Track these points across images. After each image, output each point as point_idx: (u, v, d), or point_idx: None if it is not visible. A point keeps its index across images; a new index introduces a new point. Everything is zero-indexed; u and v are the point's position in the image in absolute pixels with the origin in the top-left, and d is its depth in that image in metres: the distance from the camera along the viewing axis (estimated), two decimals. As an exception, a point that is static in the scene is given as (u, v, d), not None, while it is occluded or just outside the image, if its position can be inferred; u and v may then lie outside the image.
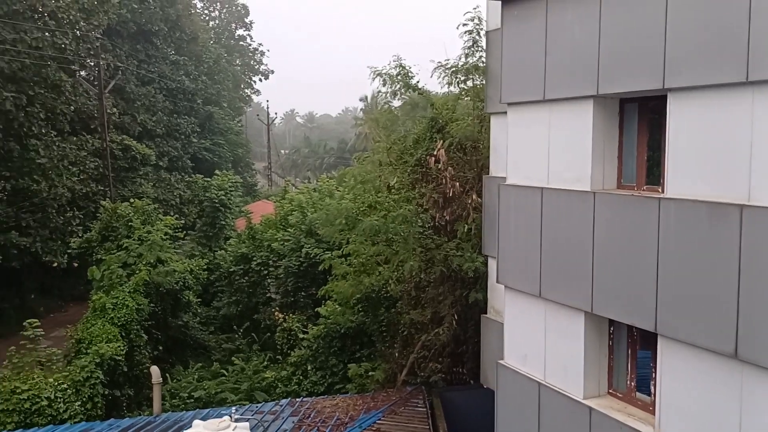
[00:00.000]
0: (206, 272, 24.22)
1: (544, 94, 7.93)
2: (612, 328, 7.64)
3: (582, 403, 7.61)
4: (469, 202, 11.82)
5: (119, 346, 16.12)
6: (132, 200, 24.56)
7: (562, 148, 7.81)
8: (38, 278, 29.71)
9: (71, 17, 27.94)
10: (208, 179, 30.05)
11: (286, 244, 22.17)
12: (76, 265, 27.57)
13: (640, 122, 7.20)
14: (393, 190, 13.44)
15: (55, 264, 28.18)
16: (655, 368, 6.75)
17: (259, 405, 12.76)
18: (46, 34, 26.73)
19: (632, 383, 7.44)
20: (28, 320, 16.13)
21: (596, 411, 7.40)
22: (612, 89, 6.99)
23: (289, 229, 22.79)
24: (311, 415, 11.37)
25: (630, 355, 7.49)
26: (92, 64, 35.46)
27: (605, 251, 7.14)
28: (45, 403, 13.77)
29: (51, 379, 14.28)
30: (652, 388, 7.05)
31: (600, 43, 7.04)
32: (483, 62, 12.12)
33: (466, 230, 11.84)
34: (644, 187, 7.05)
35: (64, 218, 28.79)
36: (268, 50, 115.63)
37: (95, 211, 27.91)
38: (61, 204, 28.59)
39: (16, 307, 27.04)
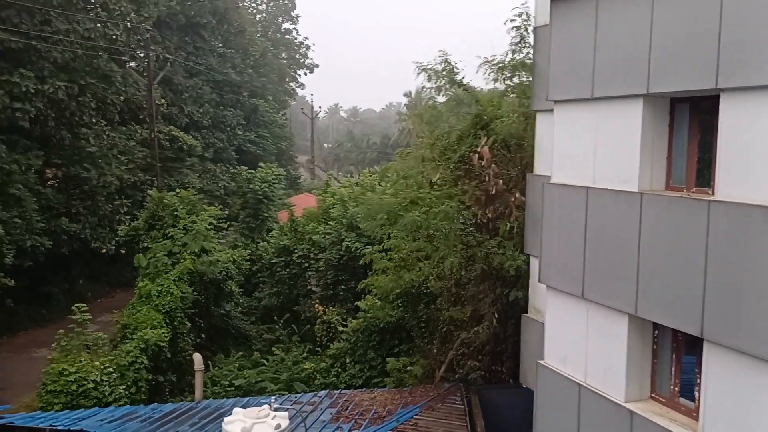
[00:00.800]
0: (248, 263, 24.57)
1: (593, 92, 7.82)
2: (656, 332, 7.51)
3: (623, 407, 7.50)
4: (512, 200, 11.74)
5: (163, 333, 16.47)
6: (178, 190, 25.03)
7: (610, 148, 7.69)
8: (86, 264, 30.48)
9: (122, 8, 28.53)
10: (252, 171, 30.42)
11: (327, 237, 22.32)
12: (123, 252, 28.23)
13: (691, 122, 7.05)
14: (435, 186, 13.41)
15: (103, 251, 28.89)
16: (700, 373, 6.62)
17: (298, 395, 12.90)
18: (98, 25, 27.35)
19: (675, 388, 7.31)
20: (77, 305, 16.58)
21: (638, 415, 7.29)
22: (663, 88, 6.86)
23: (330, 223, 22.94)
24: (349, 408, 11.45)
25: (674, 359, 7.35)
26: (142, 55, 36.17)
27: (651, 253, 7.02)
28: (91, 385, 14.16)
29: (97, 363, 14.67)
30: (696, 393, 6.91)
31: (651, 41, 6.91)
32: (530, 59, 12.01)
33: (508, 228, 11.77)
34: (694, 189, 6.90)
35: (113, 206, 29.48)
36: (314, 44, 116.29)
37: (142, 199, 28.51)
38: (109, 192, 29.28)
39: (65, 292, 27.84)
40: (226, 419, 8.10)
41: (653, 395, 7.58)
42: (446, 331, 13.32)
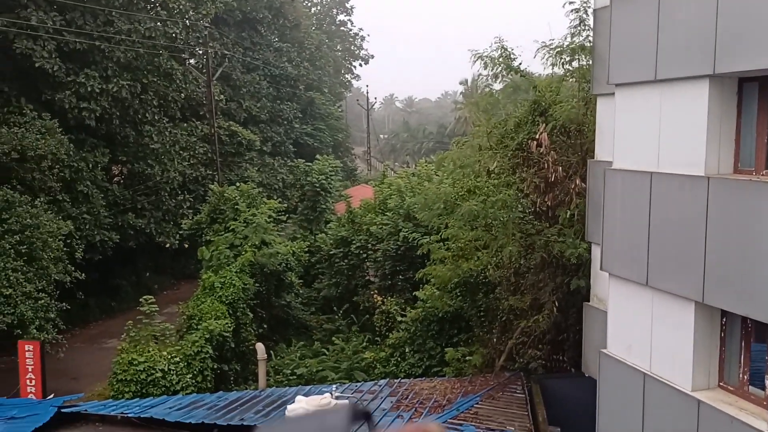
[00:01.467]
0: (307, 254, 24.88)
1: (656, 73, 7.62)
2: (724, 319, 7.30)
3: (690, 396, 7.32)
4: (573, 187, 11.55)
5: (227, 323, 16.86)
6: (238, 184, 25.50)
7: (674, 131, 7.49)
8: (152, 258, 31.42)
9: (181, 7, 29.16)
10: (309, 164, 30.72)
11: (384, 228, 22.40)
12: (186, 245, 28.99)
13: (760, 102, 6.80)
14: (492, 175, 13.30)
15: (168, 245, 29.71)
16: (772, 362, 6.41)
17: (359, 384, 13.03)
18: (158, 24, 28.03)
19: (745, 377, 7.09)
20: (144, 297, 17.11)
21: (705, 404, 7.11)
22: (730, 68, 6.63)
23: (387, 213, 23.01)
24: (409, 396, 11.50)
25: (743, 347, 7.13)
26: (201, 52, 36.87)
27: (719, 239, 6.81)
28: (159, 374, 14.62)
29: (165, 353, 15.13)
30: (766, 382, 6.70)
31: (718, 19, 6.68)
32: (590, 42, 11.75)
33: (568, 216, 11.59)
34: (764, 172, 6.67)
35: (176, 201, 30.27)
36: (368, 35, 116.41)
37: (204, 194, 29.17)
38: (173, 188, 30.06)
39: (133, 285, 28.80)
40: (289, 407, 8.25)
41: (721, 384, 7.37)
42: (506, 320, 13.22)
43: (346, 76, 69.74)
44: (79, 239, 22.40)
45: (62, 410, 10.25)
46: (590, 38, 11.63)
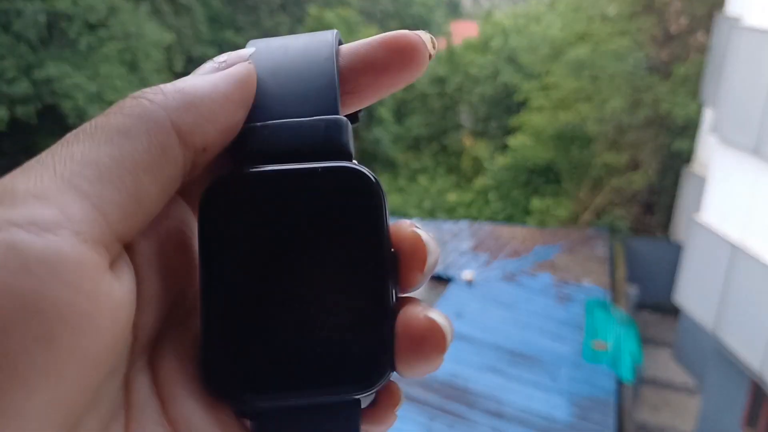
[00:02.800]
0: (402, 91, 24.55)
1: None
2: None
3: (783, 273, 7.05)
4: (693, 42, 10.64)
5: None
6: (338, 10, 24.90)
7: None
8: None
9: None
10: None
11: (484, 69, 21.66)
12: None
13: None
14: (607, 21, 12.37)
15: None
16: None
17: (439, 222, 13.21)
18: None
19: None
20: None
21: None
22: None
23: (489, 55, 22.14)
24: (488, 240, 11.61)
25: None
26: None
27: None
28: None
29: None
30: None
31: None
32: None
33: (683, 73, 10.79)
34: None
35: (274, 22, 30.00)
36: None
37: (302, 18, 28.75)
38: (272, 8, 29.69)
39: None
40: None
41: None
42: (597, 176, 12.86)
43: None
44: (180, 53, 22.80)
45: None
46: None
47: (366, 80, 0.40)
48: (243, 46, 0.41)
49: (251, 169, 0.36)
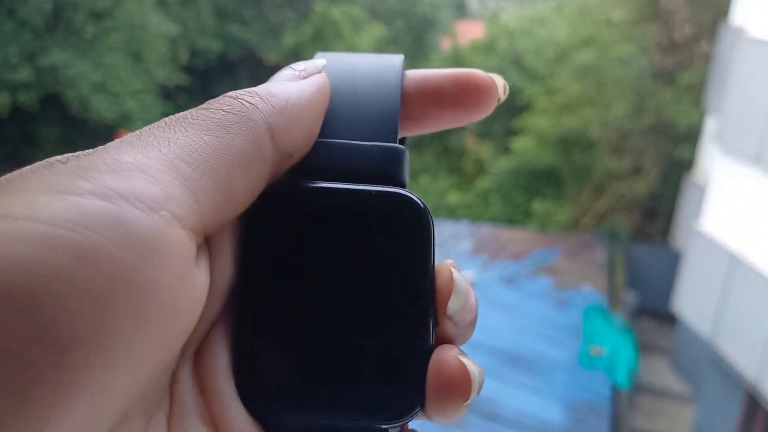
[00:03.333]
0: (405, 89, 24.51)
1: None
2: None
3: (781, 284, 7.05)
4: (697, 50, 10.63)
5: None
6: (344, 6, 24.84)
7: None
8: (252, 75, 31.78)
9: None
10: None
11: (488, 71, 21.60)
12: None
13: None
14: (613, 26, 12.35)
15: (271, 58, 29.84)
16: None
17: (440, 222, 13.21)
18: None
19: None
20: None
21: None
22: None
23: (494, 57, 22.12)
24: (487, 242, 11.61)
25: None
26: None
27: None
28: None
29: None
30: None
31: None
32: None
33: (687, 81, 10.78)
34: None
35: (279, 16, 29.93)
36: None
37: (307, 12, 28.70)
38: (278, 3, 29.64)
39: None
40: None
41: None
42: (599, 181, 12.86)
43: None
44: (185, 46, 22.76)
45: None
46: None
47: (431, 110, 0.39)
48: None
49: (305, 183, 0.35)
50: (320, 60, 0.41)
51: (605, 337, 7.97)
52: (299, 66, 0.40)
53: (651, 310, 11.22)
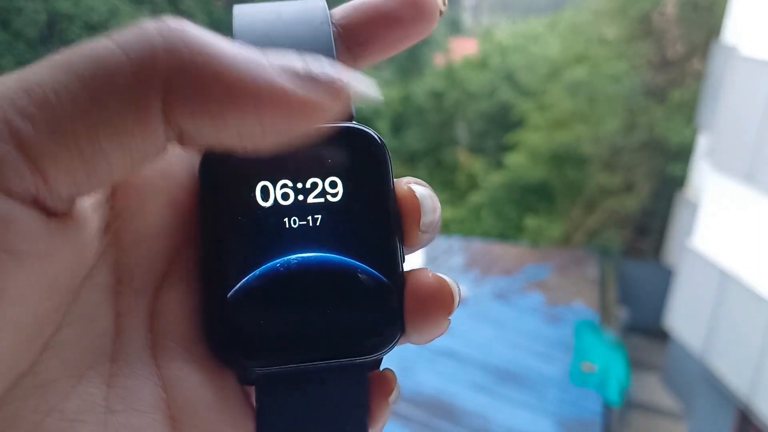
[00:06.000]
0: (400, 104, 24.62)
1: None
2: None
3: (772, 302, 7.06)
4: (689, 68, 10.72)
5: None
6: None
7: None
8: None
9: None
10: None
11: (481, 87, 21.76)
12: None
13: None
14: (605, 44, 12.45)
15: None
16: None
17: (432, 238, 13.18)
18: None
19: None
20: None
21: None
22: None
23: (487, 73, 22.24)
24: (480, 257, 11.61)
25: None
26: None
27: None
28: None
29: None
30: None
31: None
32: None
33: (679, 98, 10.86)
34: None
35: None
36: None
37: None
38: None
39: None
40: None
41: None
42: (591, 197, 12.90)
43: None
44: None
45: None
46: None
47: (379, 31, 0.39)
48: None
49: None
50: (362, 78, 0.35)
51: (596, 354, 7.96)
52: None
53: (642, 326, 11.22)
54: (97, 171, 0.26)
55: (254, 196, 0.33)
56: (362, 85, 0.32)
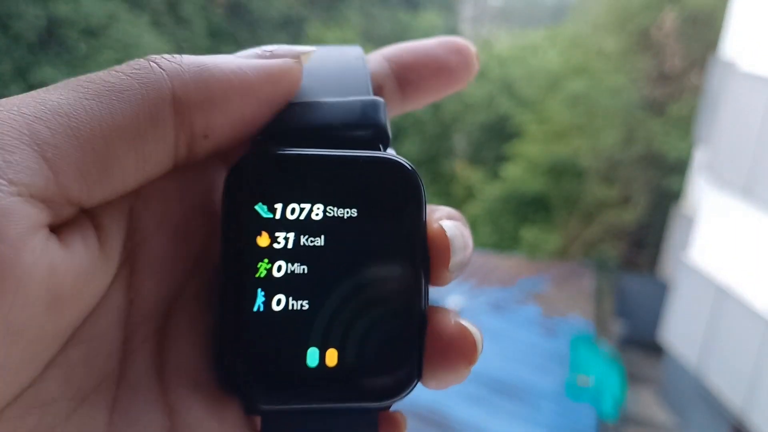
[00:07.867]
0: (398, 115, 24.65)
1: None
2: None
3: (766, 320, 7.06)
4: (687, 82, 10.76)
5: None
6: (335, 29, 25.05)
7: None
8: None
9: None
10: (413, 13, 29.70)
11: (480, 98, 21.81)
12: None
13: None
14: (604, 57, 12.50)
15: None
16: None
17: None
18: None
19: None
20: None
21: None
22: None
23: (486, 84, 22.29)
24: (475, 268, 11.60)
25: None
26: None
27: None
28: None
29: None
30: None
31: None
32: None
33: (677, 112, 10.90)
34: None
35: (273, 39, 30.19)
36: None
37: (300, 36, 28.92)
38: (273, 26, 29.89)
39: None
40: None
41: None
42: (588, 209, 12.92)
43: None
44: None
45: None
46: None
47: (427, 73, 0.39)
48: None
49: (288, 149, 0.33)
50: (303, 47, 0.37)
51: (592, 367, 7.94)
52: (270, 47, 0.37)
53: (638, 340, 11.21)
54: (109, 173, 0.27)
55: (277, 225, 0.32)
56: (303, 47, 0.36)
